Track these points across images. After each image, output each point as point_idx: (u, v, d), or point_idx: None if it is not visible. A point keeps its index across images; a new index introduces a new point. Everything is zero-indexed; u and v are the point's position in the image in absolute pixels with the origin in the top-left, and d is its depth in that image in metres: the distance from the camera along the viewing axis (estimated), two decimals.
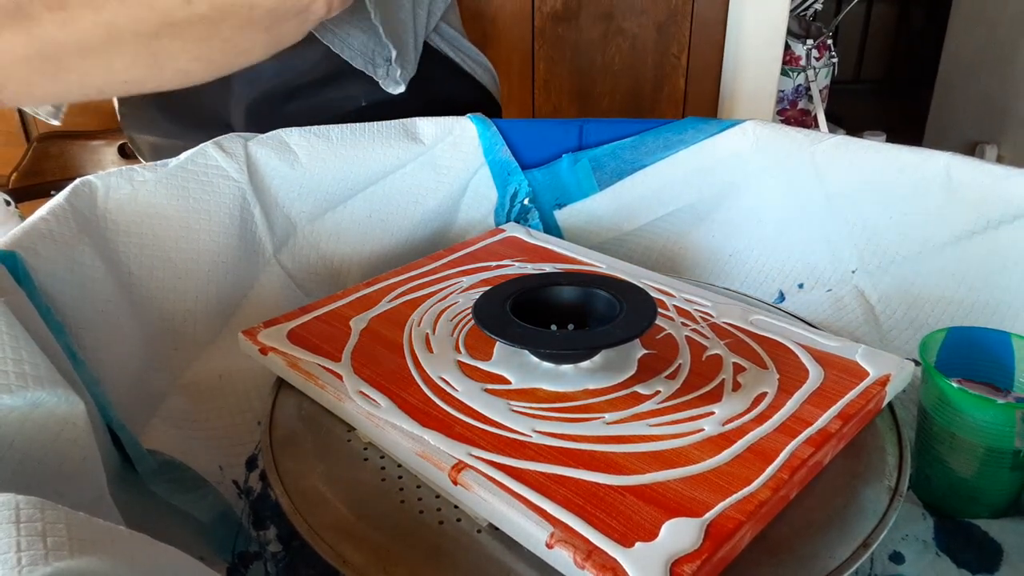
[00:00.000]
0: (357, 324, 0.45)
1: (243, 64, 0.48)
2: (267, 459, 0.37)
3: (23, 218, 0.64)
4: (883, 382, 0.39)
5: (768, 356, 0.41)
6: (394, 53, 0.59)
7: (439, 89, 0.68)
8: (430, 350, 0.42)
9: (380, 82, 0.61)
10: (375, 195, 0.58)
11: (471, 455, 0.34)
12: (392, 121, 0.58)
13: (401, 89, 0.61)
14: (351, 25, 0.59)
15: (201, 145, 0.51)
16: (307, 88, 0.62)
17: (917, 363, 0.43)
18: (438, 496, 0.35)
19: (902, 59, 2.65)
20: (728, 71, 1.45)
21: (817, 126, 1.75)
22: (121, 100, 0.68)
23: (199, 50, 0.44)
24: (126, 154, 1.01)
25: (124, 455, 0.38)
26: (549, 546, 0.29)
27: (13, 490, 0.22)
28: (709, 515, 0.30)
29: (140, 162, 0.72)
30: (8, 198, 0.65)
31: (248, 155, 0.52)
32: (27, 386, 0.28)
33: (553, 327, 0.41)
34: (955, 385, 0.38)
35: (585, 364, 0.40)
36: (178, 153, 0.50)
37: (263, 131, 0.54)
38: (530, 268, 0.52)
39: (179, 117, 0.68)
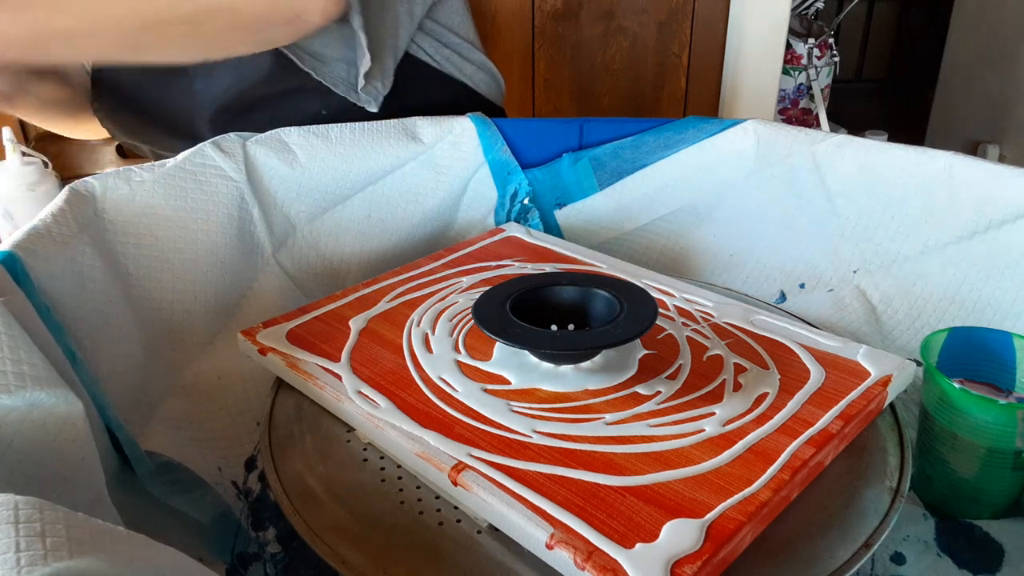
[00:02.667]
0: (356, 324, 0.45)
1: (227, 55, 0.49)
2: (266, 460, 0.37)
3: (60, 179, 0.64)
4: (884, 382, 0.39)
5: (769, 356, 0.41)
6: (365, 67, 0.58)
7: (413, 97, 0.66)
8: (430, 350, 0.42)
9: (357, 101, 0.61)
10: (374, 195, 0.58)
11: (471, 456, 0.33)
12: (392, 120, 0.58)
13: (375, 108, 0.61)
14: (332, 49, 0.59)
15: (199, 145, 0.51)
16: (265, 100, 0.61)
17: (918, 363, 0.42)
18: (438, 497, 0.35)
19: (904, 58, 2.64)
20: (729, 70, 1.45)
21: (819, 125, 1.75)
22: (95, 104, 0.68)
23: (181, 44, 0.46)
24: (124, 154, 1.01)
25: (123, 456, 0.38)
26: (549, 547, 0.29)
27: (12, 490, 0.21)
28: (710, 516, 0.30)
29: (139, 161, 0.71)
30: (46, 159, 0.65)
31: (246, 155, 0.52)
32: (26, 386, 0.28)
33: (553, 327, 0.41)
34: (956, 385, 0.38)
35: (585, 364, 0.40)
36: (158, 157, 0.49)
37: None
38: (530, 268, 0.52)
39: (152, 122, 0.68)
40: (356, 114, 0.60)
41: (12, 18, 0.43)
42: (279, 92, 0.60)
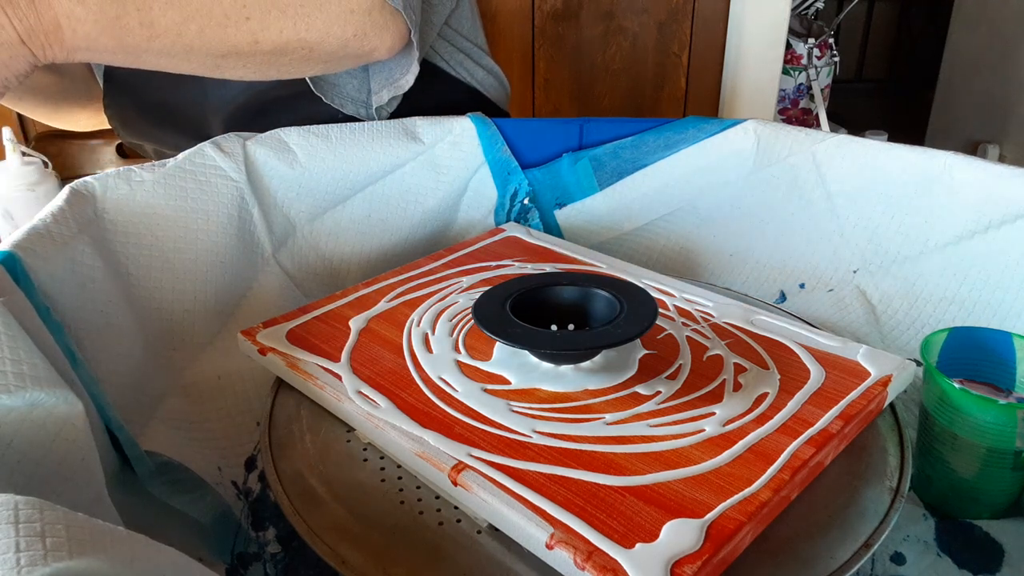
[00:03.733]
0: (356, 324, 0.45)
1: (297, 76, 0.54)
2: (266, 460, 0.37)
3: (60, 179, 0.64)
4: (884, 382, 0.39)
5: (769, 356, 0.41)
6: (403, 88, 0.60)
7: (427, 98, 0.67)
8: (430, 350, 0.42)
9: (363, 117, 0.62)
10: (374, 195, 0.58)
11: (471, 456, 0.33)
12: (392, 120, 0.58)
13: (385, 116, 0.62)
14: (346, 73, 0.60)
15: (199, 145, 0.51)
16: (280, 103, 0.62)
17: (918, 363, 0.42)
18: (438, 497, 0.35)
19: (904, 58, 2.64)
20: (729, 70, 1.45)
21: (819, 125, 1.75)
22: (107, 100, 0.68)
23: (257, 70, 0.51)
24: (124, 153, 1.01)
25: (123, 456, 0.38)
26: (549, 547, 0.29)
27: (11, 490, 0.21)
28: (710, 516, 0.30)
29: (139, 161, 0.71)
30: (45, 159, 0.66)
31: (246, 155, 0.52)
32: (25, 386, 0.28)
33: (553, 327, 0.41)
34: (956, 385, 0.38)
35: (585, 364, 0.40)
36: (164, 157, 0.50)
37: None
38: (530, 268, 0.52)
39: (164, 123, 0.68)
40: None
41: (109, 25, 0.45)
42: (294, 94, 0.60)
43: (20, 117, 1.23)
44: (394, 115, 0.62)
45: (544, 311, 0.41)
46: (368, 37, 0.51)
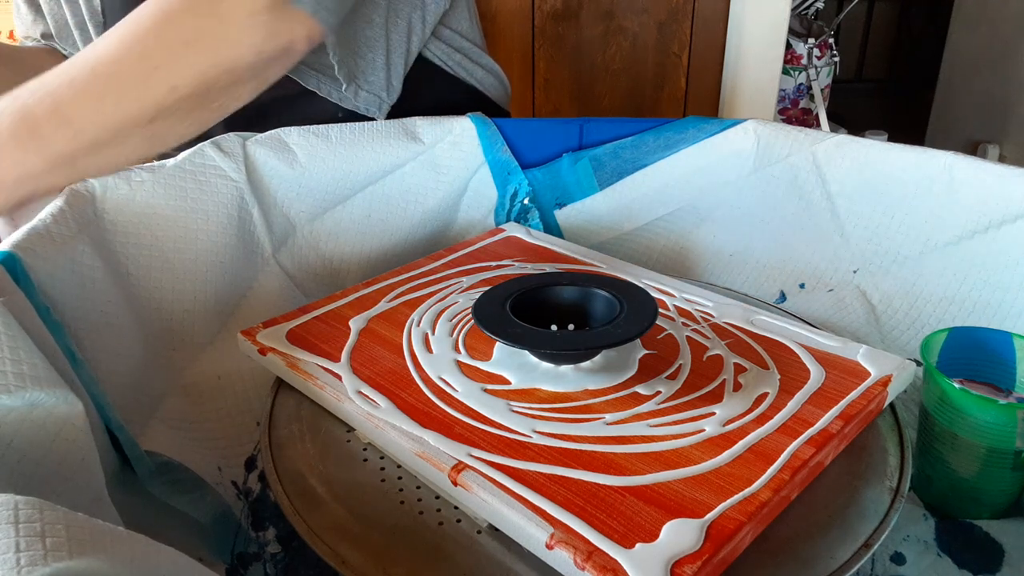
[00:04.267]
0: (356, 324, 0.45)
1: (235, 108, 0.51)
2: (266, 460, 0.37)
3: None
4: (884, 382, 0.39)
5: (769, 356, 0.41)
6: (346, 84, 0.59)
7: (428, 98, 0.66)
8: (429, 350, 0.42)
9: (356, 110, 0.62)
10: (374, 195, 0.58)
11: (471, 456, 0.33)
12: (391, 121, 0.58)
13: (382, 116, 0.61)
14: (324, 62, 0.60)
15: (199, 145, 0.51)
16: (279, 104, 0.61)
17: (918, 363, 0.42)
18: (438, 497, 0.35)
19: (904, 58, 2.64)
20: (729, 70, 1.45)
21: (819, 125, 1.75)
22: None
23: (193, 117, 0.48)
24: None
25: (123, 456, 0.38)
26: (549, 547, 0.29)
27: (11, 490, 0.21)
28: (710, 516, 0.30)
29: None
30: None
31: (246, 155, 0.52)
32: (25, 386, 0.28)
33: (553, 327, 0.41)
34: (956, 385, 0.38)
35: (585, 364, 0.40)
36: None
37: None
38: (530, 268, 0.52)
39: None
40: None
41: (35, 149, 0.43)
42: (294, 94, 0.60)
43: None
44: (394, 115, 0.62)
45: (544, 311, 0.41)
46: (280, 34, 0.49)
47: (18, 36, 0.71)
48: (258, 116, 0.63)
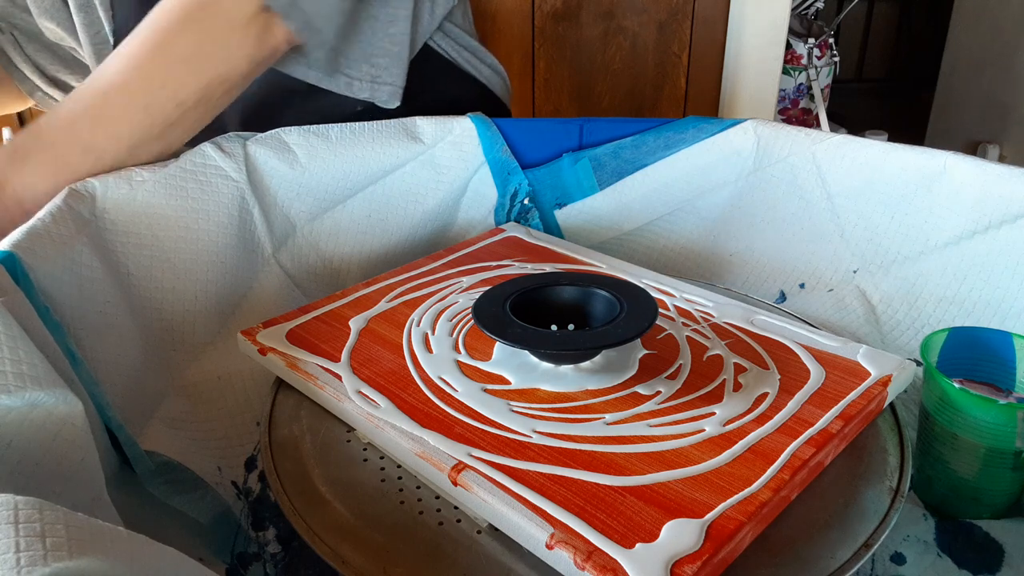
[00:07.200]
0: (356, 324, 0.45)
1: (224, 107, 0.54)
2: (266, 460, 0.37)
3: None
4: (884, 382, 0.39)
5: (769, 356, 0.41)
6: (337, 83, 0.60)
7: (440, 92, 0.67)
8: (429, 350, 0.42)
9: (369, 99, 0.62)
10: (375, 195, 0.58)
11: (471, 456, 0.33)
12: (391, 120, 0.58)
13: (394, 105, 0.62)
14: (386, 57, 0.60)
15: (199, 145, 0.51)
16: (298, 96, 0.62)
17: (918, 363, 0.42)
18: (438, 496, 0.35)
19: (904, 58, 2.64)
20: (729, 70, 1.45)
21: (819, 125, 1.75)
22: None
23: (196, 122, 0.51)
24: None
25: (122, 456, 0.38)
26: (549, 547, 0.29)
27: (11, 490, 0.21)
28: (710, 516, 0.30)
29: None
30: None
31: (247, 155, 0.52)
32: (25, 386, 0.28)
33: (553, 327, 0.41)
34: (956, 385, 0.38)
35: (585, 364, 0.40)
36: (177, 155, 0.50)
37: None
38: (530, 268, 0.52)
39: None
40: (395, 111, 0.61)
41: (65, 180, 0.45)
42: (307, 87, 0.60)
43: (20, 117, 1.23)
44: (407, 109, 0.62)
45: (544, 311, 0.41)
46: (267, 40, 0.51)
47: None
48: (275, 110, 0.63)
